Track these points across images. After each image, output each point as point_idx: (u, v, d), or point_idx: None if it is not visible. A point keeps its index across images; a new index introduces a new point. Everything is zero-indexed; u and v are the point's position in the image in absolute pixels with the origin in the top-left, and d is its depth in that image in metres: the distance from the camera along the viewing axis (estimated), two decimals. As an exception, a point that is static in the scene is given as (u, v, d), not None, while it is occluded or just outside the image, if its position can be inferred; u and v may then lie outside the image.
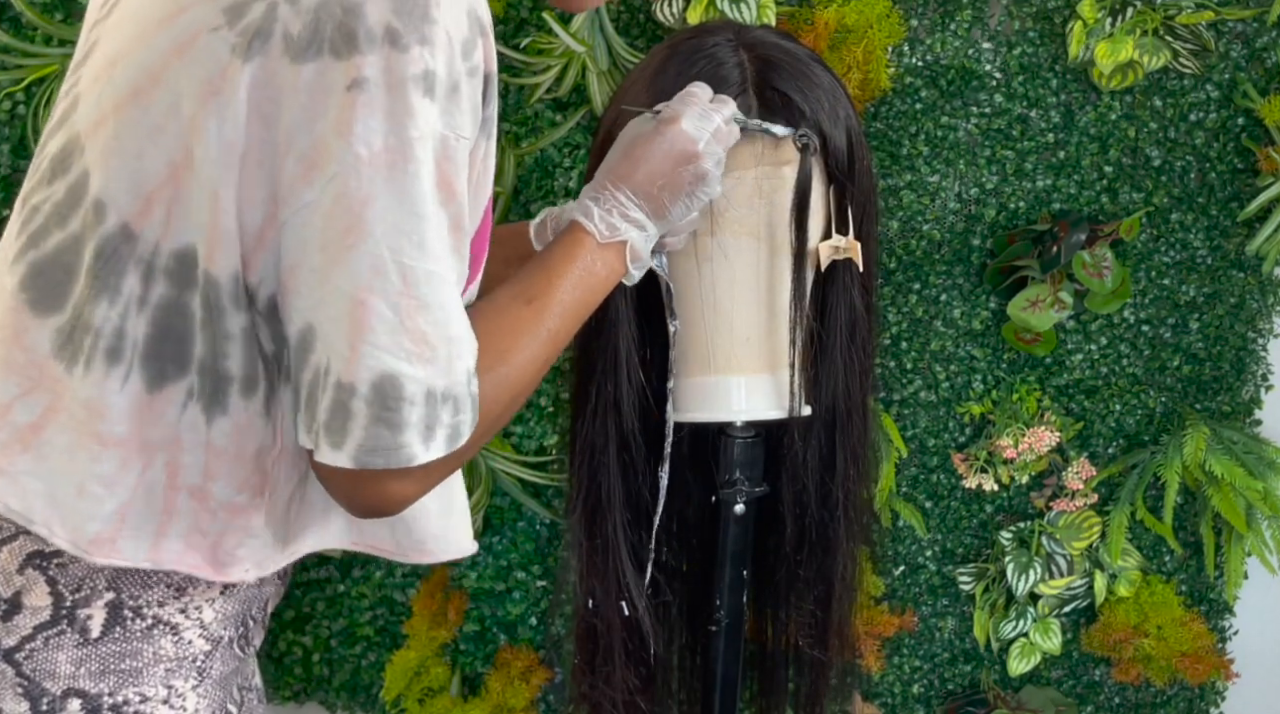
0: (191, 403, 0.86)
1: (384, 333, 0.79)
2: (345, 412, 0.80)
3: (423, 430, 0.81)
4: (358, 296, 0.79)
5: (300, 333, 0.82)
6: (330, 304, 0.80)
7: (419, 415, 0.81)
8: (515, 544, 1.72)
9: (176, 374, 0.85)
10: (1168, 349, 1.71)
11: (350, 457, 0.80)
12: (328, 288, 0.80)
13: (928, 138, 1.63)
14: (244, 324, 0.85)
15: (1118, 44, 1.56)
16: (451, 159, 0.82)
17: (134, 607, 0.90)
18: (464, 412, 0.83)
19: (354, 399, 0.79)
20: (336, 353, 0.80)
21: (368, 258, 0.79)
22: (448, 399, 0.82)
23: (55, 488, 0.86)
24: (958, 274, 1.67)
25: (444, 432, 0.82)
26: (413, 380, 0.80)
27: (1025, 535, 1.74)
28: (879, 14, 1.55)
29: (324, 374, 0.80)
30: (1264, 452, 1.69)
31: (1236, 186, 1.66)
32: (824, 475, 1.26)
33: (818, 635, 1.34)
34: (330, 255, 0.79)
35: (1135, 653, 1.75)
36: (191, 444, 0.87)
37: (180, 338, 0.85)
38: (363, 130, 0.78)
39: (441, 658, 1.75)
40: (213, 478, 0.88)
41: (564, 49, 1.53)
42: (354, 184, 0.78)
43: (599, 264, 1.00)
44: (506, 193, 1.59)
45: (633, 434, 1.24)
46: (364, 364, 0.79)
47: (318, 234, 0.80)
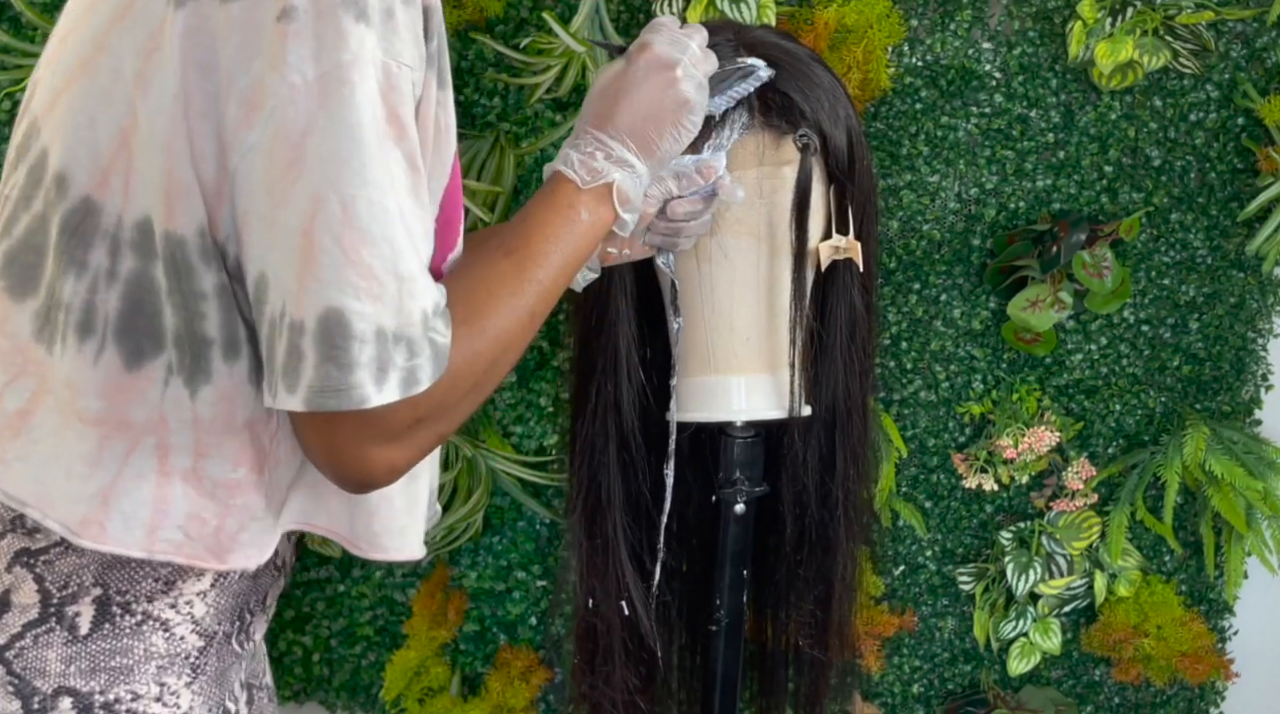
0: (173, 378, 0.84)
1: (328, 267, 0.76)
2: (297, 353, 0.77)
3: (374, 371, 0.78)
4: (301, 231, 0.77)
5: (255, 283, 0.80)
6: (279, 245, 0.78)
7: (369, 354, 0.77)
8: (515, 544, 1.72)
9: (153, 350, 0.84)
10: (1168, 349, 1.71)
11: (302, 399, 0.77)
12: (276, 229, 0.78)
13: (928, 138, 1.63)
14: (216, 282, 0.83)
15: (1118, 44, 1.56)
16: (396, 89, 0.79)
17: (122, 603, 0.89)
18: (419, 356, 0.80)
19: (303, 338, 0.77)
20: (288, 293, 0.77)
21: (308, 189, 0.76)
22: (400, 339, 0.79)
23: (45, 471, 0.85)
24: (958, 274, 1.67)
25: (398, 374, 0.79)
26: (360, 316, 0.77)
27: (1025, 535, 1.74)
28: (879, 14, 1.55)
29: (279, 318, 0.78)
30: (1264, 452, 1.69)
31: (1236, 186, 1.66)
32: (824, 475, 1.26)
33: (818, 635, 1.34)
34: (275, 196, 0.77)
35: (1135, 653, 1.75)
36: (178, 423, 0.85)
37: (152, 312, 0.84)
38: (295, 60, 0.76)
39: (441, 658, 1.75)
40: (205, 455, 0.86)
41: (564, 49, 1.53)
42: (291, 116, 0.76)
43: (583, 212, 0.96)
44: (506, 193, 1.59)
45: (633, 434, 1.24)
46: (310, 300, 0.77)
47: (263, 176, 0.78)
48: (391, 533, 0.96)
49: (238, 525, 0.88)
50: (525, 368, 1.67)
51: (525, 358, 1.66)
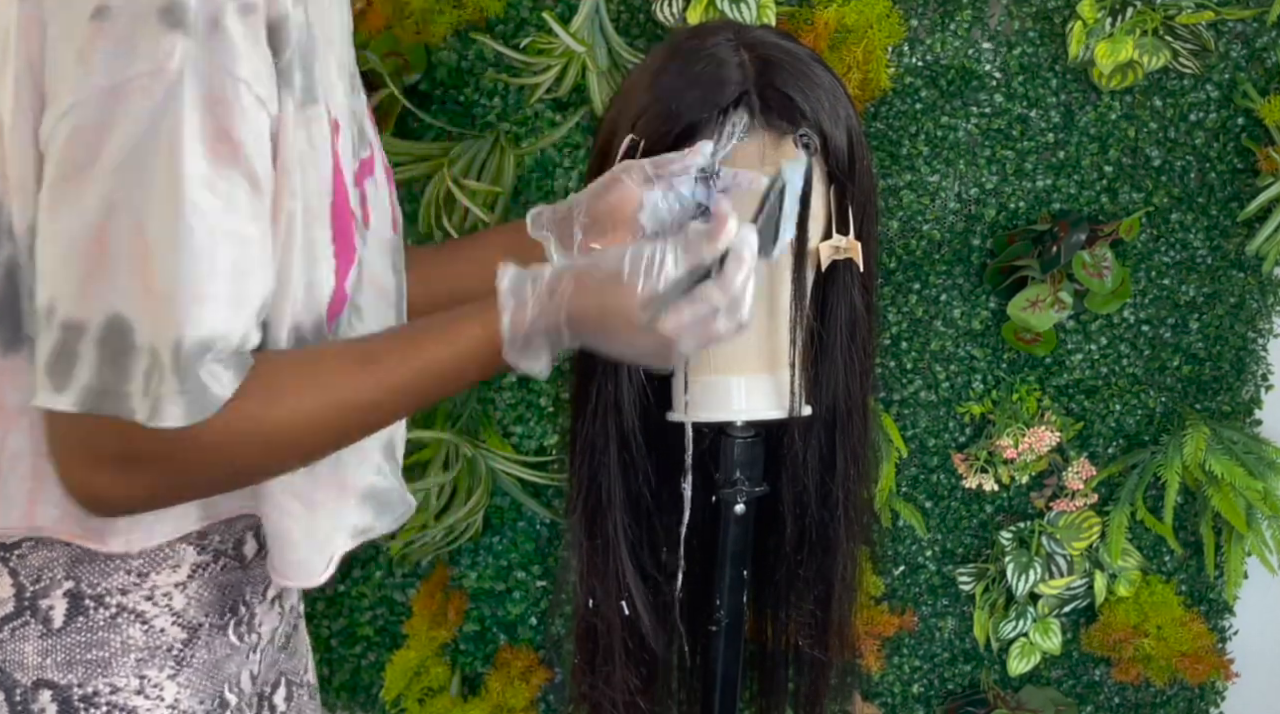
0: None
1: (116, 273, 0.75)
2: (71, 354, 0.76)
3: (143, 385, 0.76)
4: (92, 235, 0.75)
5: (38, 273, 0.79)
6: (60, 243, 0.76)
7: (143, 367, 0.76)
8: (515, 544, 1.72)
9: (32, 328, 0.82)
10: (1168, 349, 1.71)
11: (75, 399, 0.76)
12: (58, 224, 0.76)
13: (928, 138, 1.63)
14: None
15: (1118, 44, 1.56)
16: (224, 103, 0.76)
17: (95, 595, 0.89)
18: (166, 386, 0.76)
19: (83, 340, 0.75)
20: (63, 293, 0.76)
21: (101, 194, 0.75)
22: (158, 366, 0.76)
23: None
24: (958, 274, 1.67)
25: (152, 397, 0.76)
26: (141, 330, 0.75)
27: (1025, 535, 1.74)
28: (879, 14, 1.55)
29: (48, 315, 0.77)
30: (1264, 452, 1.69)
31: (1236, 186, 1.66)
32: (824, 475, 1.26)
33: (818, 635, 1.34)
34: (61, 190, 0.76)
35: (1135, 653, 1.75)
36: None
37: (25, 295, 0.83)
38: (101, 60, 0.74)
39: (441, 658, 1.75)
40: None
41: (564, 49, 1.53)
42: (90, 116, 0.75)
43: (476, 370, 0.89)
44: (506, 193, 1.59)
45: (633, 434, 1.23)
46: (95, 304, 0.75)
47: (53, 168, 0.76)
48: (288, 563, 0.93)
49: None
50: (525, 368, 1.67)
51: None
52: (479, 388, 1.67)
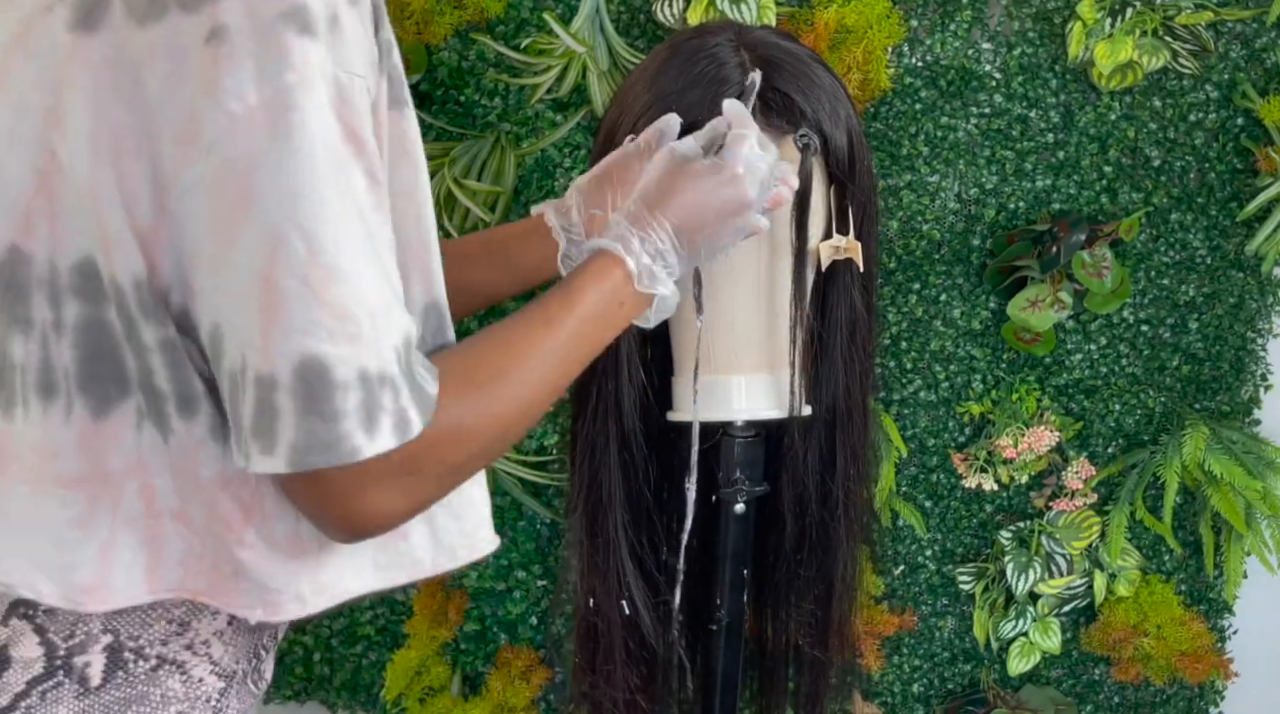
0: (145, 422, 0.77)
1: (297, 311, 0.69)
2: (271, 410, 0.69)
3: (363, 418, 0.70)
4: (260, 275, 0.69)
5: (210, 336, 0.72)
6: (232, 291, 0.70)
7: (355, 401, 0.70)
8: (515, 544, 1.73)
9: (120, 395, 0.77)
10: (1167, 349, 1.71)
11: (285, 459, 0.70)
12: (226, 274, 0.70)
13: (928, 138, 1.63)
14: (159, 337, 0.75)
15: (1117, 44, 1.56)
16: (350, 103, 0.71)
17: (135, 648, 0.82)
18: (403, 396, 0.72)
19: (277, 392, 0.69)
20: (250, 345, 0.70)
21: (263, 229, 0.68)
22: (384, 381, 0.71)
23: (29, 545, 0.78)
24: (958, 274, 1.67)
25: (389, 419, 0.72)
26: (341, 362, 0.70)
27: (1025, 535, 1.74)
28: (879, 14, 1.55)
29: (240, 374, 0.70)
30: (1263, 451, 1.69)
31: (1236, 186, 1.66)
32: (824, 475, 1.26)
33: (818, 635, 1.34)
34: (223, 237, 0.69)
35: (1135, 652, 1.75)
36: (159, 466, 0.78)
37: (112, 357, 0.76)
38: (232, 85, 0.68)
39: (442, 657, 1.75)
40: (188, 500, 0.79)
41: (564, 49, 1.53)
42: (234, 149, 0.68)
43: (627, 305, 0.92)
44: (507, 193, 1.59)
45: (633, 433, 1.24)
46: (280, 350, 0.69)
47: (206, 215, 0.70)
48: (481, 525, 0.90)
49: (231, 571, 0.80)
50: (526, 368, 1.67)
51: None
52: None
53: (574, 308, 0.88)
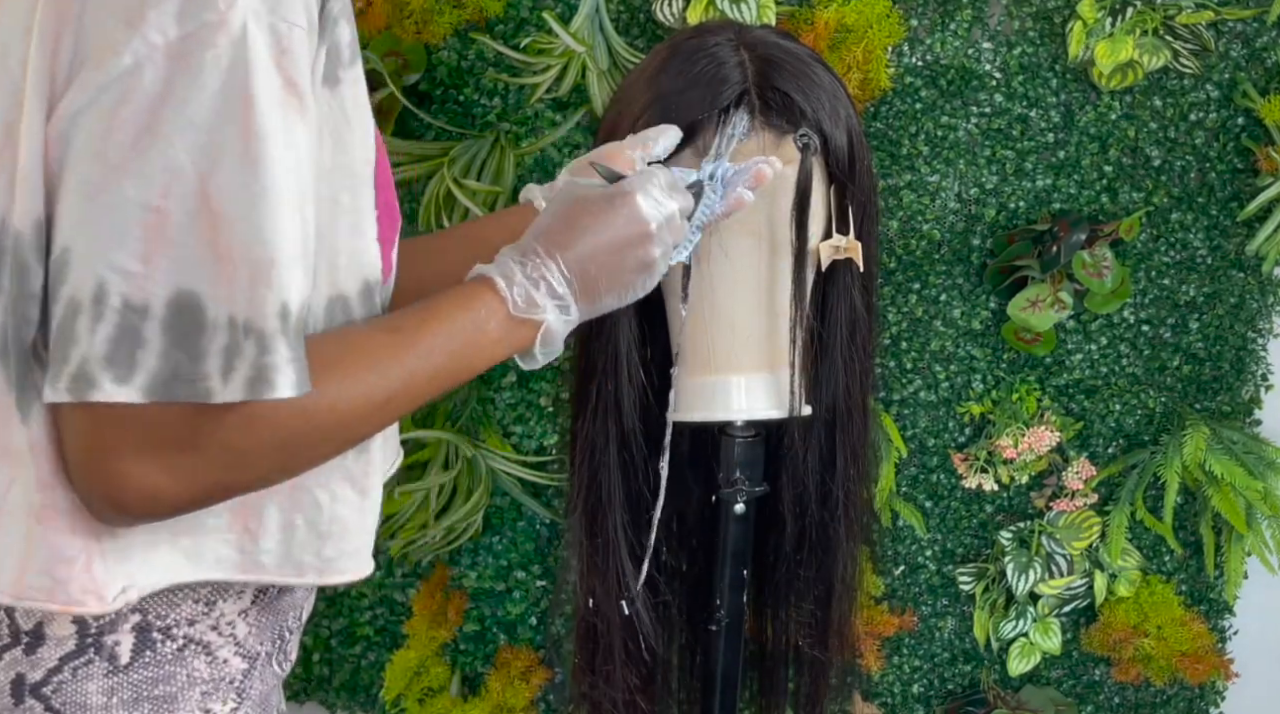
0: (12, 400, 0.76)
1: (184, 247, 0.69)
2: (135, 338, 0.69)
3: (222, 363, 0.70)
4: (150, 206, 0.69)
5: (57, 260, 0.71)
6: (108, 219, 0.69)
7: (220, 344, 0.70)
8: (515, 544, 1.72)
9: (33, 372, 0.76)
10: (1168, 349, 1.71)
11: (143, 388, 0.69)
12: (103, 200, 0.69)
13: (928, 138, 1.63)
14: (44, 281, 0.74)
15: (1118, 44, 1.56)
16: (289, 52, 0.71)
17: (162, 628, 0.83)
18: (272, 353, 0.71)
19: (147, 322, 0.69)
20: (121, 272, 0.69)
21: (161, 161, 0.69)
22: (250, 332, 0.71)
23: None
24: (958, 274, 1.67)
25: (245, 371, 0.71)
26: (214, 302, 0.70)
27: (1025, 535, 1.74)
28: (879, 14, 1.55)
29: (93, 301, 0.69)
30: (1264, 452, 1.69)
31: (1236, 186, 1.66)
32: (824, 475, 1.26)
33: (818, 635, 1.34)
34: (113, 163, 0.69)
35: (1135, 653, 1.75)
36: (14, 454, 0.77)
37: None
38: (155, 17, 0.68)
39: (441, 658, 1.75)
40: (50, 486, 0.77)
41: (564, 49, 1.53)
42: (147, 78, 0.68)
43: (495, 329, 0.86)
44: (506, 193, 1.59)
45: (633, 434, 1.24)
46: (159, 282, 0.69)
47: (96, 141, 0.69)
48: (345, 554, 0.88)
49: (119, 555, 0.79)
50: (525, 368, 1.67)
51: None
52: (479, 387, 1.67)
53: (428, 324, 0.84)
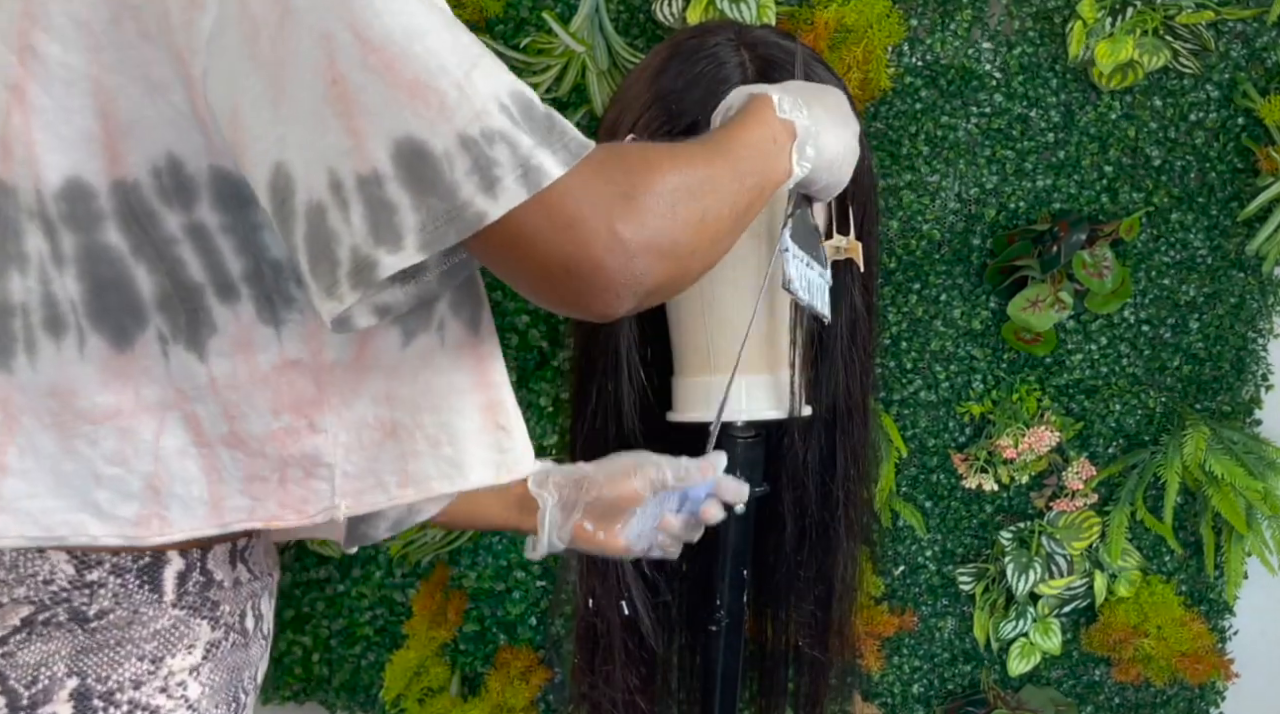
0: (172, 347, 0.74)
1: (374, 100, 0.65)
2: (386, 206, 0.66)
3: (479, 181, 0.66)
4: (325, 80, 0.65)
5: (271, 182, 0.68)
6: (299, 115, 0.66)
7: (465, 166, 0.66)
8: (515, 544, 1.72)
9: (136, 325, 0.73)
10: (1168, 349, 1.71)
11: (417, 246, 0.66)
12: (285, 101, 0.66)
13: (928, 138, 1.63)
14: (184, 222, 0.72)
15: (1118, 44, 1.56)
16: None
17: (104, 693, 0.76)
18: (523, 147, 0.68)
19: (385, 185, 0.66)
20: (338, 154, 0.66)
21: (309, 34, 0.65)
22: (492, 138, 0.67)
23: (68, 490, 0.74)
24: (958, 274, 1.67)
25: (513, 173, 0.67)
26: (435, 134, 0.66)
27: (1025, 535, 1.74)
28: (879, 14, 1.55)
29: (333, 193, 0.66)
30: (1264, 452, 1.69)
31: (1236, 186, 1.66)
32: (824, 475, 1.26)
33: (818, 635, 1.34)
34: (270, 65, 0.66)
35: (1135, 653, 1.75)
36: (196, 391, 0.75)
37: (121, 284, 0.73)
38: None
39: (441, 658, 1.75)
40: (237, 416, 0.75)
41: (564, 49, 1.53)
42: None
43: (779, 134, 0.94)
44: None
45: (633, 434, 1.24)
46: (374, 143, 0.66)
47: (245, 54, 0.66)
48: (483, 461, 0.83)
49: (302, 474, 0.77)
50: (525, 368, 1.67)
51: (525, 358, 1.66)
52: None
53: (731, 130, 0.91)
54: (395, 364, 0.78)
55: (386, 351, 0.78)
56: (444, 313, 0.80)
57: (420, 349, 0.79)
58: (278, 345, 0.75)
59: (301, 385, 0.76)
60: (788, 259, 1.03)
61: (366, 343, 0.77)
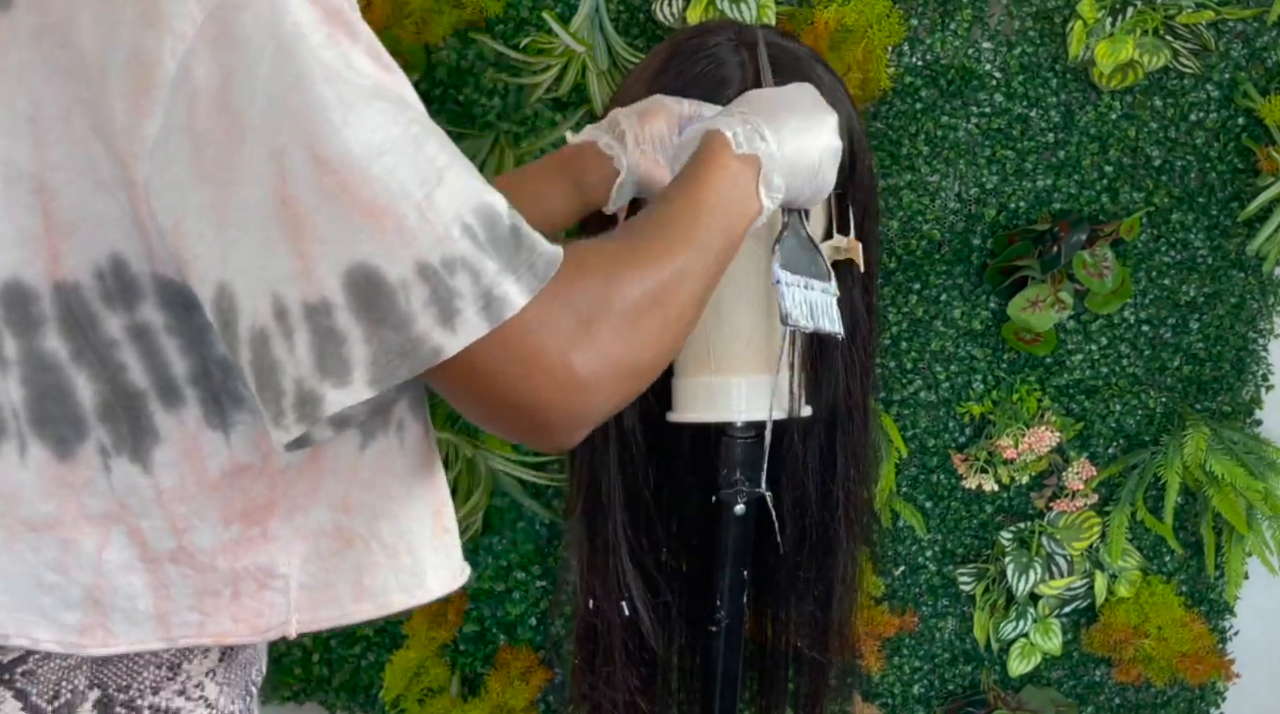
0: (115, 460, 0.70)
1: (326, 223, 0.61)
2: (334, 336, 0.62)
3: (437, 313, 0.63)
4: (275, 200, 0.61)
5: (216, 300, 0.64)
6: (247, 235, 0.62)
7: (422, 297, 0.62)
8: (515, 544, 1.72)
9: (77, 436, 0.70)
10: (1168, 349, 1.71)
11: (366, 382, 0.63)
12: (237, 216, 0.62)
13: (928, 138, 1.63)
14: (126, 324, 0.68)
15: (1118, 44, 1.56)
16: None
17: (125, 701, 0.75)
18: (486, 274, 0.64)
19: (335, 314, 0.62)
20: (286, 279, 0.62)
21: (260, 150, 0.61)
22: (451, 265, 0.63)
23: (16, 589, 0.71)
24: (958, 274, 1.67)
25: (474, 304, 0.63)
26: (390, 261, 0.62)
27: (1025, 536, 1.74)
28: (879, 14, 1.55)
29: (277, 321, 0.63)
30: (1264, 452, 1.69)
31: (1237, 186, 1.66)
32: (824, 476, 1.26)
33: (818, 636, 1.34)
34: (218, 179, 0.62)
35: (1136, 653, 1.75)
36: (141, 506, 0.71)
37: (59, 393, 0.69)
38: (174, 6, 0.60)
39: (441, 658, 1.75)
40: (186, 530, 0.72)
41: (564, 49, 1.53)
42: (200, 75, 0.60)
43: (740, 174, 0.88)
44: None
45: (633, 434, 1.24)
46: (324, 269, 0.62)
47: (190, 165, 0.62)
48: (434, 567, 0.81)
49: (256, 586, 0.73)
50: (525, 368, 1.67)
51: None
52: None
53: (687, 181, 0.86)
54: (352, 468, 0.74)
55: (344, 455, 0.74)
56: (403, 414, 0.76)
57: (379, 451, 0.75)
58: (227, 450, 0.71)
59: (254, 491, 0.72)
60: (783, 292, 0.98)
61: (323, 446, 0.73)
